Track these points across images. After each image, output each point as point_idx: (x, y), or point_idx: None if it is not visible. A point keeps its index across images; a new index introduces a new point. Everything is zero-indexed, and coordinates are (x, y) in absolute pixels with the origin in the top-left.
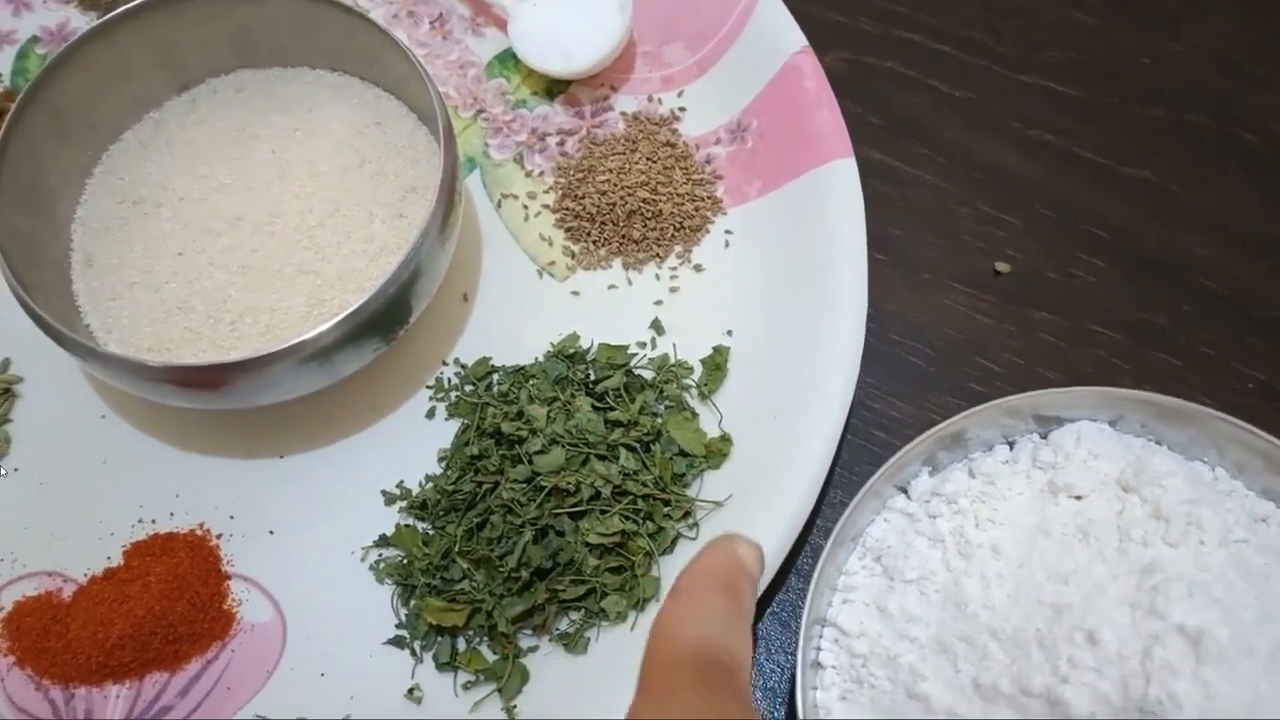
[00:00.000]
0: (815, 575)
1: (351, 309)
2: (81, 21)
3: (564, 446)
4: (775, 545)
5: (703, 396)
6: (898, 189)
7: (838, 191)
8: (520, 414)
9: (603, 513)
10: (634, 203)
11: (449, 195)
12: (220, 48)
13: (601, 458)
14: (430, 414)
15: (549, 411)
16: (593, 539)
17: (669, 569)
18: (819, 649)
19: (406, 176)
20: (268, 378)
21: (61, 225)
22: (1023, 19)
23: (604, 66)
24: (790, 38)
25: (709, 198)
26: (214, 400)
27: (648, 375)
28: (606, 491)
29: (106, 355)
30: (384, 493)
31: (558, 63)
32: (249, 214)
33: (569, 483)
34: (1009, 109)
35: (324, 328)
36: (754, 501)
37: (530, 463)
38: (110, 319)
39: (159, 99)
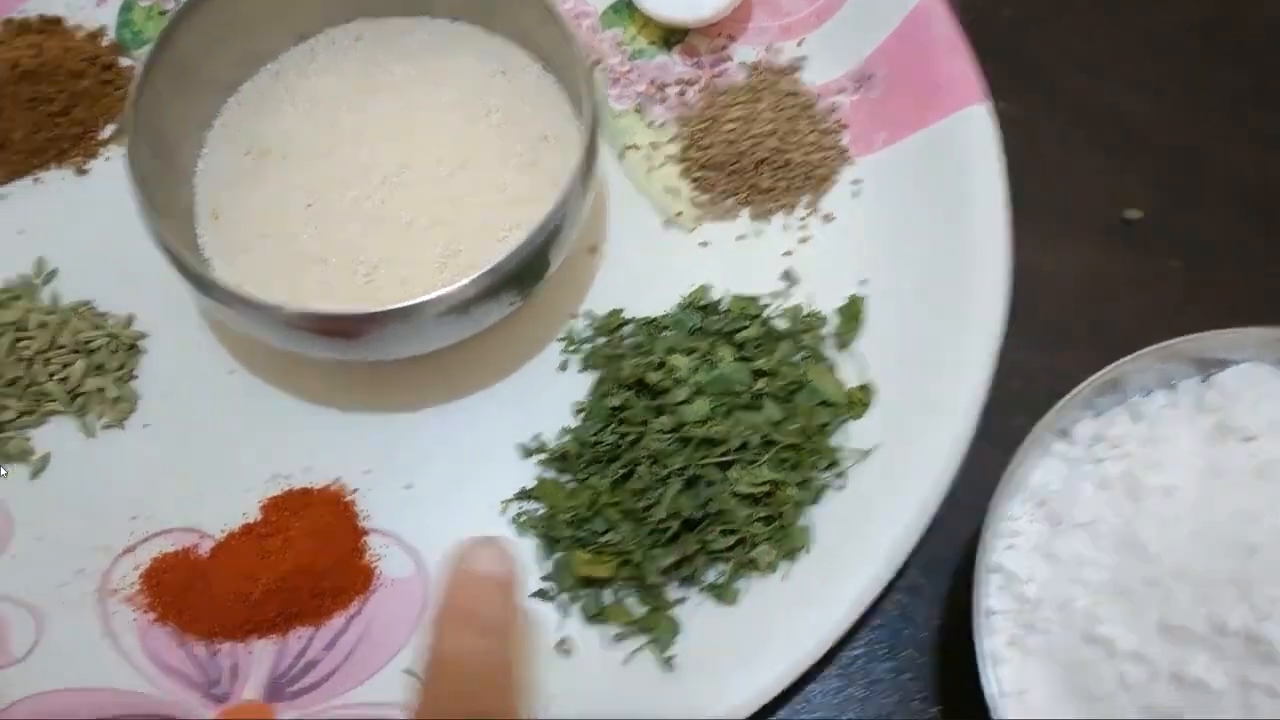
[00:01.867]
0: (987, 520)
1: (494, 263)
2: None
3: (708, 396)
4: (924, 496)
5: (840, 346)
6: (1020, 137)
7: (974, 138)
8: (662, 364)
9: (750, 463)
10: (762, 152)
11: (591, 144)
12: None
13: (746, 408)
14: (563, 366)
15: (692, 362)
16: (742, 489)
17: (817, 519)
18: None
19: (536, 125)
20: (406, 330)
21: (184, 178)
22: None
23: (726, 14)
24: None
25: (835, 147)
26: (350, 350)
27: (782, 325)
28: (755, 441)
29: (252, 302)
30: (520, 446)
31: (682, 11)
32: (378, 165)
33: (716, 432)
34: (1134, 55)
35: (465, 281)
36: (900, 452)
37: (675, 413)
38: (241, 271)
39: (275, 50)
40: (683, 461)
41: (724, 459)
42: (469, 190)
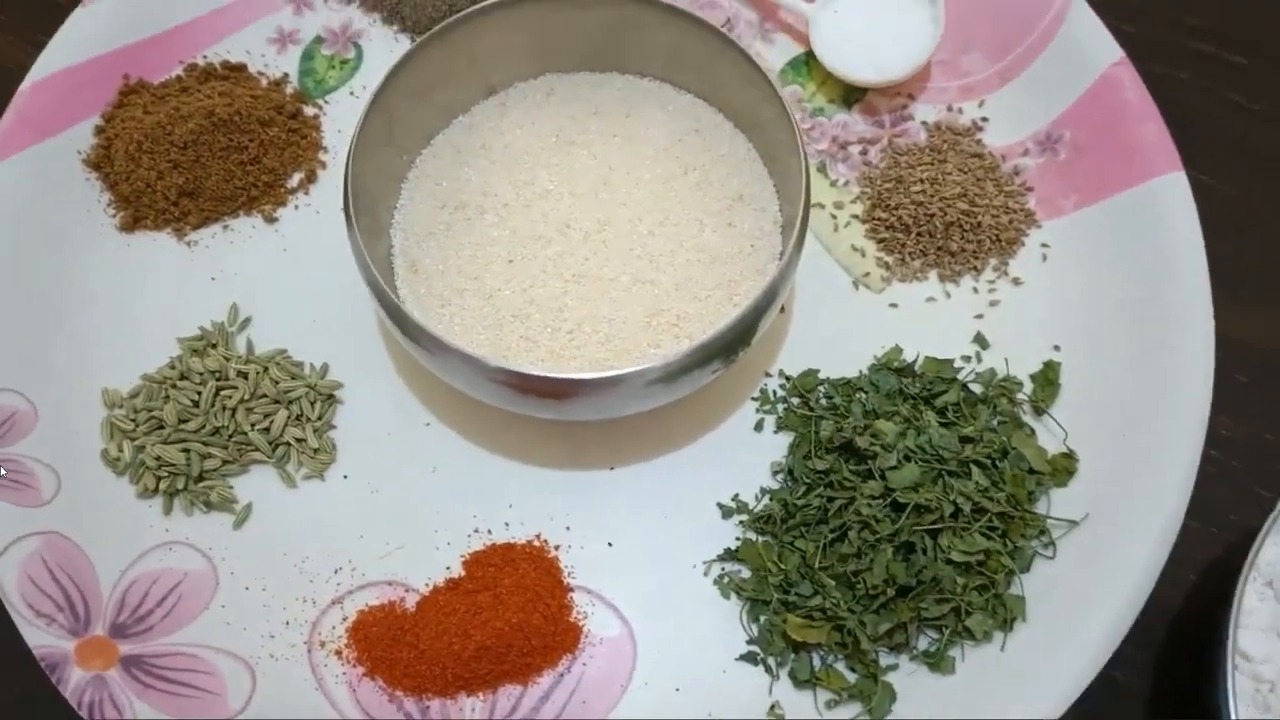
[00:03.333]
0: (1235, 602)
1: (711, 335)
2: (364, 22)
3: (917, 462)
4: (1137, 580)
5: (1037, 412)
6: (1204, 200)
7: (1173, 206)
8: (867, 428)
9: (963, 530)
10: (953, 214)
11: (805, 214)
12: (523, 52)
13: (953, 474)
14: (758, 426)
15: (897, 427)
16: (955, 556)
17: (1029, 589)
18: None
19: (731, 185)
20: (613, 395)
21: (382, 230)
22: None
23: (912, 75)
24: (1106, 49)
25: (1021, 210)
26: (554, 410)
27: (977, 390)
28: (966, 508)
29: (466, 356)
30: (720, 505)
31: (867, 72)
32: (577, 221)
33: (928, 499)
34: None
35: (683, 352)
36: (1111, 528)
37: (883, 478)
38: (441, 325)
39: (467, 103)
40: (894, 527)
41: (935, 526)
42: (668, 249)
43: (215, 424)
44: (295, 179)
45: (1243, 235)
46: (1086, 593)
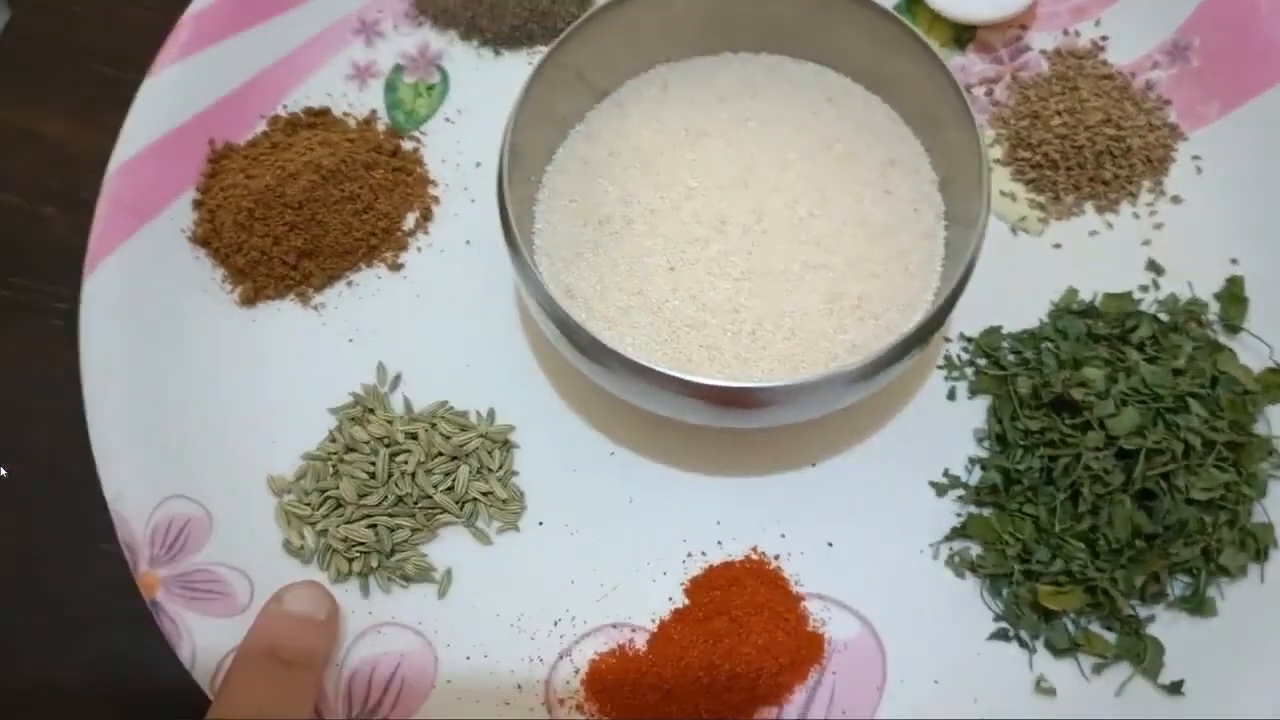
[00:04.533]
0: None
1: (911, 327)
2: (441, 42)
3: (1133, 405)
4: None
5: (1231, 330)
6: None
7: None
8: (1075, 379)
9: (1197, 467)
10: (1102, 142)
11: (987, 183)
12: (628, 49)
13: (1171, 410)
14: (951, 395)
15: (1104, 372)
16: (1196, 495)
17: (1273, 514)
18: None
19: (879, 151)
20: (816, 398)
21: (525, 253)
22: None
23: (1027, 7)
24: None
25: (1165, 125)
26: (751, 420)
27: (1165, 319)
28: (1196, 444)
29: (663, 374)
30: (932, 484)
31: (982, 8)
32: (731, 216)
33: (1157, 442)
34: None
35: (880, 349)
36: None
37: (1103, 427)
38: (614, 348)
39: (581, 111)
40: (1128, 477)
41: (1168, 468)
42: (832, 229)
43: (398, 492)
44: (410, 220)
45: None
46: None
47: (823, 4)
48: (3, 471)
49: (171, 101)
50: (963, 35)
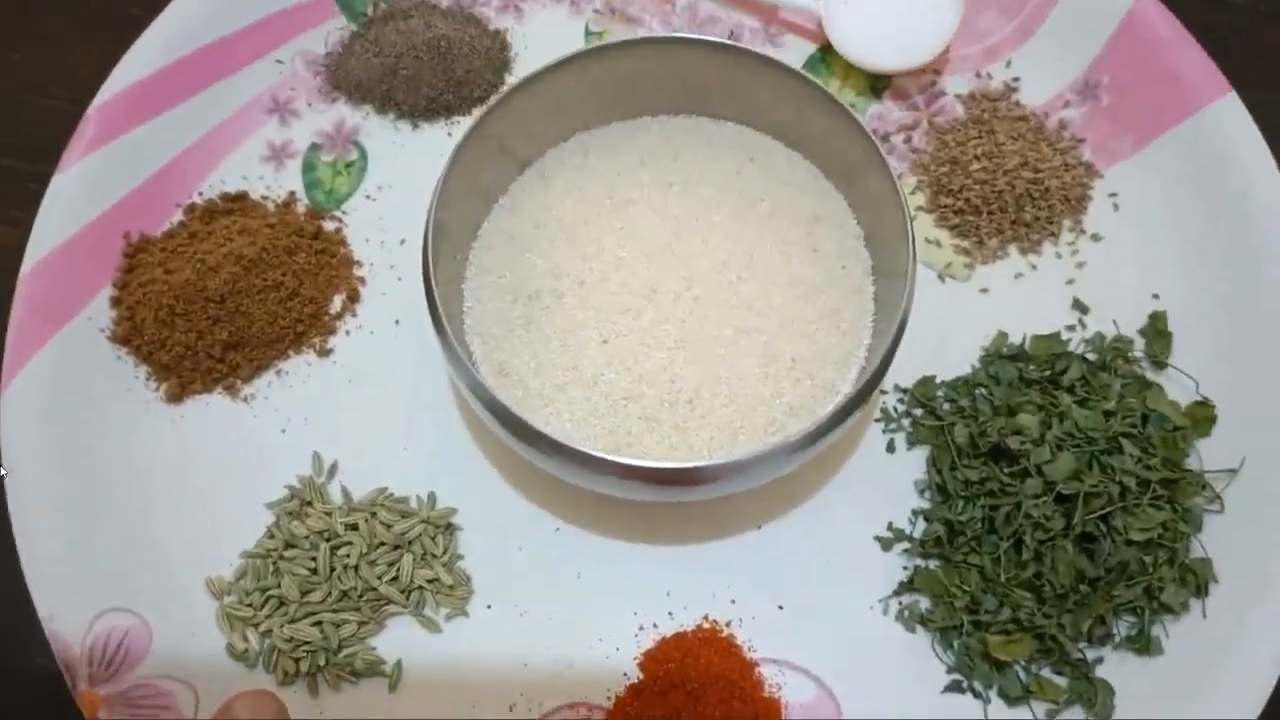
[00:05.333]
0: None
1: (851, 385)
2: (356, 117)
3: (1068, 450)
4: None
5: (1157, 366)
6: (1259, 115)
7: (1234, 129)
8: (1009, 426)
9: (1134, 507)
10: (1021, 186)
11: (911, 237)
12: (548, 118)
13: (1106, 452)
14: (890, 447)
15: (1038, 417)
16: (1135, 536)
17: (1209, 549)
18: None
19: (803, 207)
20: (760, 468)
21: (455, 339)
22: None
23: (939, 54)
24: None
25: (1080, 164)
26: (692, 494)
27: (1092, 358)
28: (1132, 484)
29: (595, 458)
30: (877, 538)
31: (894, 58)
32: (661, 284)
33: (1093, 486)
34: None
35: (825, 415)
36: (1269, 457)
37: (1040, 473)
38: (552, 425)
39: (504, 184)
40: (1068, 522)
41: (1106, 510)
42: (762, 291)
43: (341, 587)
44: (337, 302)
45: None
46: (1267, 536)
47: (734, 65)
48: (3, 471)
49: (82, 197)
50: (878, 83)
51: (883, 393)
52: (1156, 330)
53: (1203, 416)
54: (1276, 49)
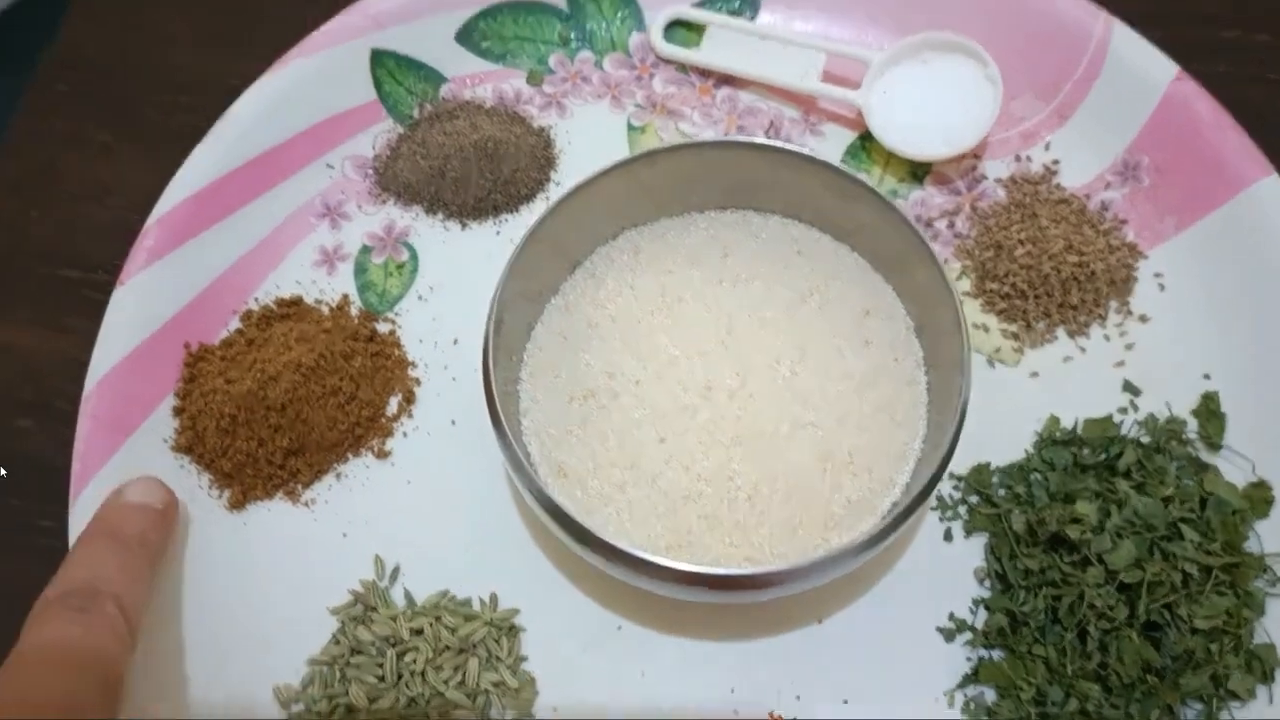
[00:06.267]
0: None
1: (910, 480)
2: (406, 218)
3: (1128, 537)
4: None
5: (1212, 447)
6: None
7: (1274, 210)
8: (1069, 514)
9: (1198, 594)
10: (1067, 270)
11: (964, 328)
12: (600, 219)
13: (1166, 538)
14: (947, 536)
15: (1097, 504)
16: (1200, 624)
17: (1273, 633)
18: None
19: (854, 300)
20: (825, 570)
21: (515, 439)
22: None
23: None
24: (1160, 66)
25: (1124, 245)
26: (762, 595)
27: (1146, 441)
28: (1194, 571)
29: (672, 570)
30: (940, 630)
31: (937, 146)
32: (716, 380)
33: (1155, 574)
34: None
35: (886, 514)
36: None
37: (1101, 562)
38: (612, 525)
39: (555, 284)
40: (1133, 612)
41: (1169, 599)
42: (817, 384)
43: (409, 693)
44: (393, 404)
45: None
46: None
47: (776, 163)
48: (3, 471)
49: (143, 308)
50: (920, 169)
51: (938, 481)
52: (1210, 411)
53: (1260, 498)
54: None
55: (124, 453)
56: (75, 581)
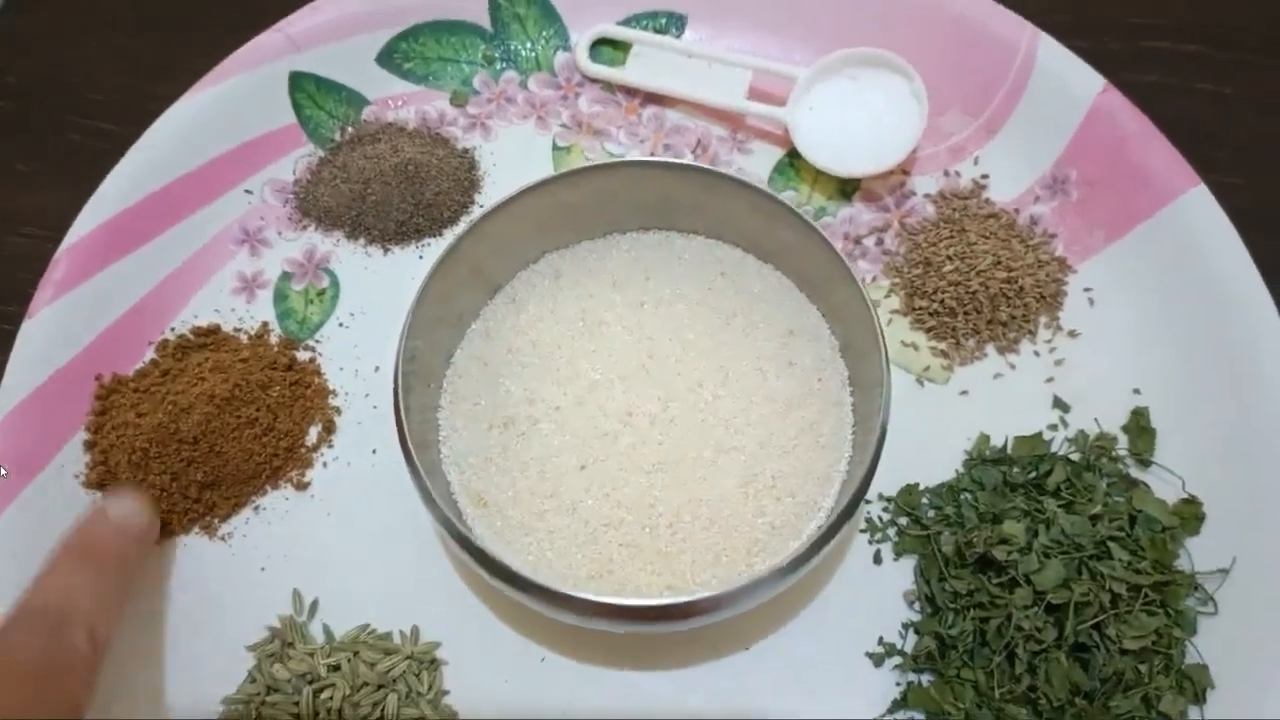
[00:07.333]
0: None
1: (833, 502)
2: (327, 244)
3: (1056, 557)
4: None
5: (1142, 464)
6: (1224, 201)
7: (1203, 221)
8: (995, 535)
9: (1126, 614)
10: (995, 286)
11: (885, 351)
12: (520, 241)
13: (1095, 557)
14: (876, 559)
15: (1024, 525)
16: (1129, 644)
17: (1205, 653)
18: None
19: (778, 321)
20: (746, 597)
21: (433, 467)
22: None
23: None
24: (1087, 79)
25: (1053, 259)
26: (688, 624)
27: (1075, 458)
28: (1123, 590)
29: (595, 603)
30: (868, 654)
31: (861, 164)
32: (638, 406)
33: (1083, 594)
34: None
35: (810, 536)
36: (1258, 555)
37: (1029, 583)
38: (532, 555)
39: (475, 309)
40: (1059, 632)
41: (1097, 619)
42: (740, 408)
43: None
44: (313, 434)
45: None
46: (1262, 637)
47: (700, 184)
48: (3, 471)
49: (52, 343)
50: (848, 186)
51: (866, 502)
52: (1139, 427)
53: (1191, 515)
54: (1243, 134)
55: (32, 490)
56: (49, 601)
